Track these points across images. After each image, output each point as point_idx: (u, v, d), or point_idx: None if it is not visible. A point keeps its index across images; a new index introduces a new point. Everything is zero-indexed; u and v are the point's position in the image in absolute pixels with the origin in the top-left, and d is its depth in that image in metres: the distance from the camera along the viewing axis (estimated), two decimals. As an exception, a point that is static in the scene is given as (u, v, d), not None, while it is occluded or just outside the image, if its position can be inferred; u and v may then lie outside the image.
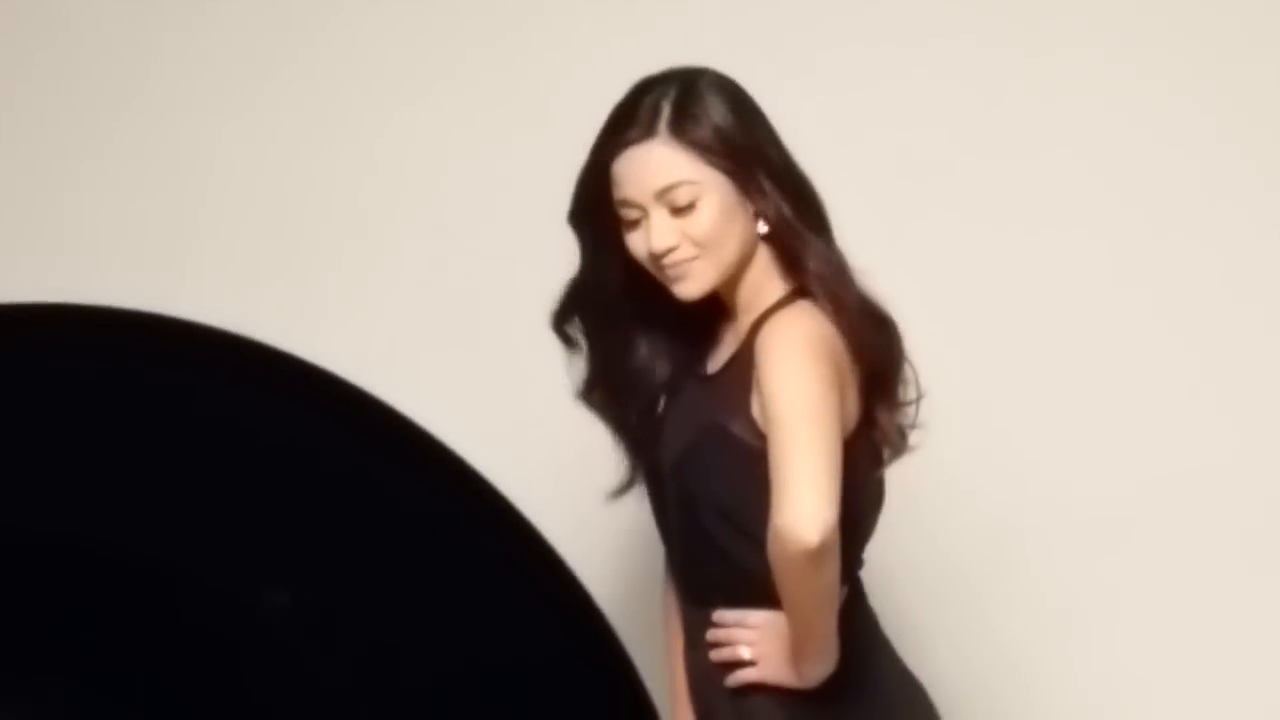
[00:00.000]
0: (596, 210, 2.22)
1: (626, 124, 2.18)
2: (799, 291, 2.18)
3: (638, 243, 2.19)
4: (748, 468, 2.14)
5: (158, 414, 2.57)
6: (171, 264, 3.22)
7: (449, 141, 3.18)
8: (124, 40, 3.31)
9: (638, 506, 2.37)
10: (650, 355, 2.32)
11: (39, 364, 2.61)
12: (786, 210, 2.17)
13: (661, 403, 2.32)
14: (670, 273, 2.18)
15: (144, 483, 2.52)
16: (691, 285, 2.18)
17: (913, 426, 2.25)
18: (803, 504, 2.05)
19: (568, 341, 2.33)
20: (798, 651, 2.16)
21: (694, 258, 2.16)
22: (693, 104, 2.17)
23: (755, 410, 2.15)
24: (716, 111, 2.17)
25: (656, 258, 2.17)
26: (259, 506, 2.57)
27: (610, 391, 2.33)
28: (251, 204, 3.25)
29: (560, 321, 2.32)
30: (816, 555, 2.05)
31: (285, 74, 3.26)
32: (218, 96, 3.26)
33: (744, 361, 2.17)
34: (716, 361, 2.26)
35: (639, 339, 2.31)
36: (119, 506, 2.52)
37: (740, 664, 2.22)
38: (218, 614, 2.53)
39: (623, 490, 2.36)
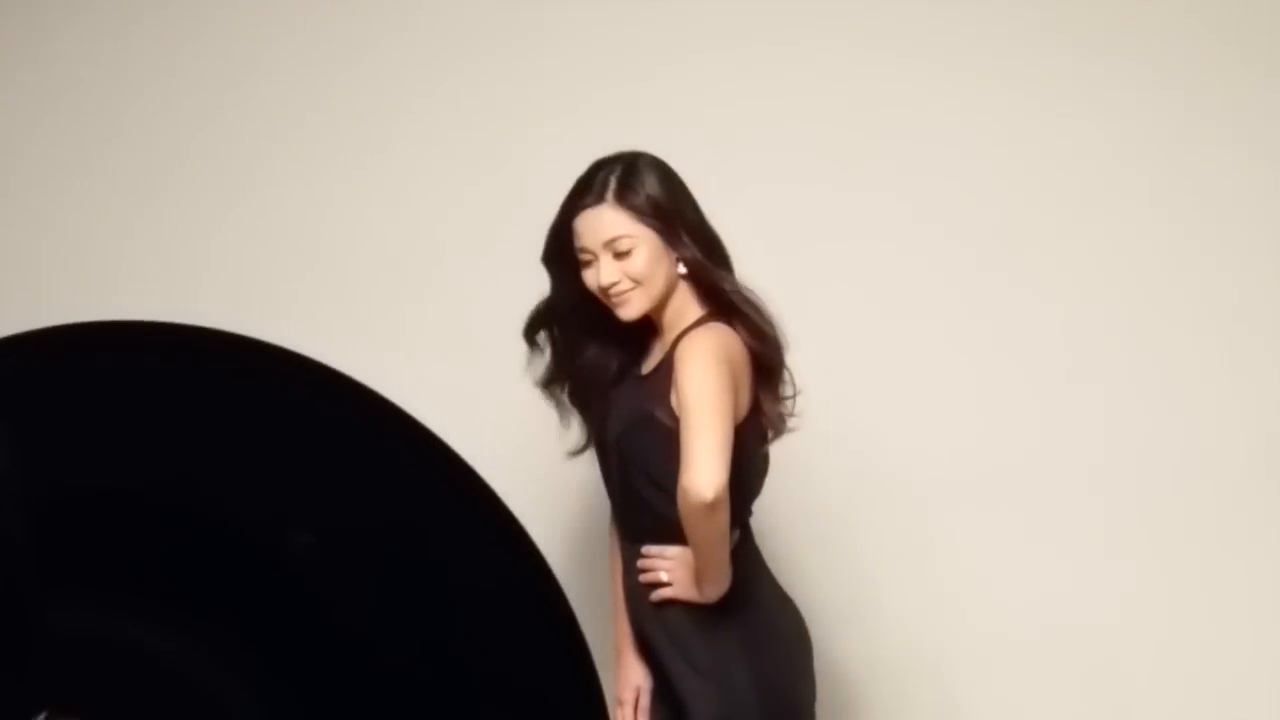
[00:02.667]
0: (562, 253, 2.77)
1: (584, 192, 2.73)
2: (709, 315, 2.72)
3: (591, 278, 2.73)
4: (667, 443, 2.66)
5: (220, 407, 2.93)
6: (233, 289, 3.55)
7: (457, 202, 3.55)
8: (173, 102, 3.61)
9: (591, 472, 2.85)
10: (602, 359, 2.80)
11: (141, 367, 2.96)
12: (700, 257, 2.72)
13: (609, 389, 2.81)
14: (615, 300, 2.72)
15: (210, 456, 2.89)
16: (630, 310, 2.73)
17: (790, 414, 2.78)
18: (702, 470, 2.56)
19: (533, 346, 2.84)
20: (700, 576, 2.68)
21: (632, 289, 2.71)
22: (632, 179, 2.72)
23: (674, 402, 2.66)
24: (650, 184, 2.71)
25: (605, 290, 2.72)
26: (290, 475, 2.92)
27: (572, 383, 2.82)
28: (305, 247, 3.58)
29: (530, 333, 2.84)
30: (711, 507, 2.57)
31: (327, 132, 3.58)
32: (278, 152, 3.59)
33: (667, 366, 2.70)
34: (648, 365, 2.79)
35: (592, 347, 2.80)
36: (192, 473, 2.86)
37: (660, 585, 2.74)
38: (259, 548, 2.90)
39: (580, 451, 2.85)
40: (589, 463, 2.87)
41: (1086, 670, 3.47)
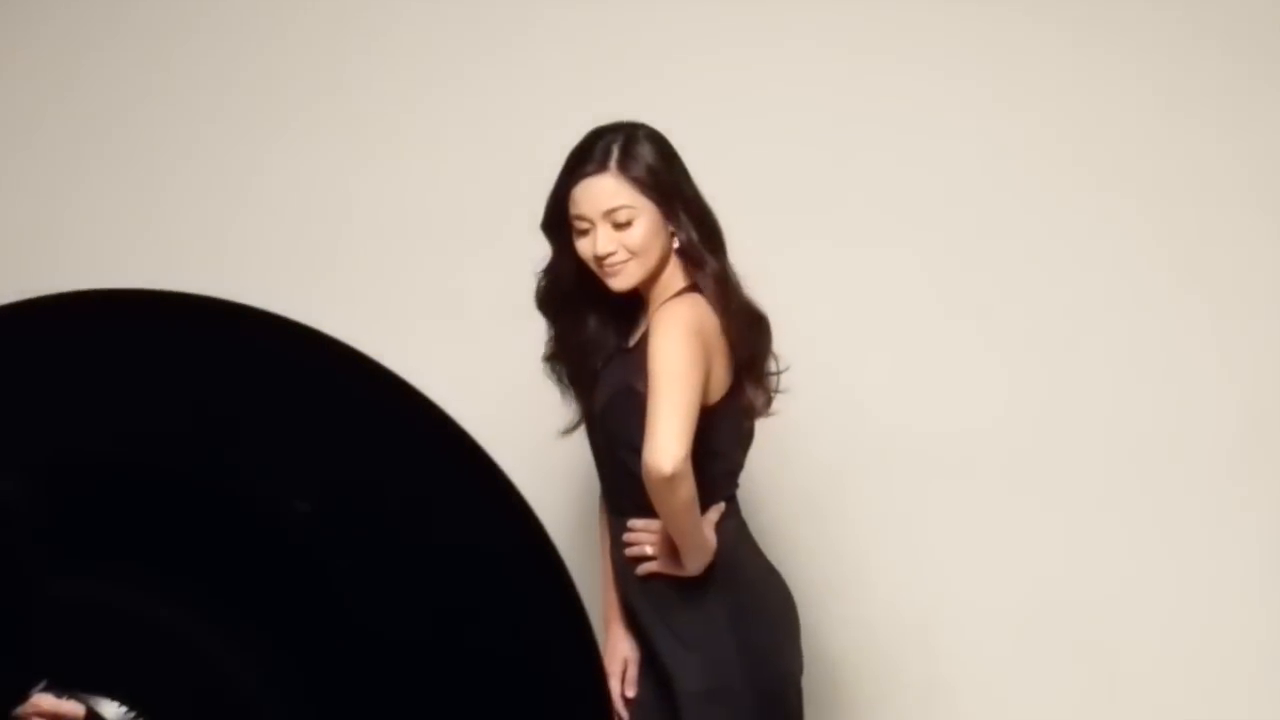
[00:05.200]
0: (561, 220, 2.75)
1: (585, 160, 2.72)
2: (691, 287, 2.72)
3: (585, 247, 2.73)
4: (646, 414, 2.62)
5: (212, 373, 2.99)
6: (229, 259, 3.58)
7: (457, 174, 3.56)
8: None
9: (582, 446, 2.86)
10: (599, 329, 2.81)
11: (121, 335, 2.99)
12: (695, 234, 2.72)
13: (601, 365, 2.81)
14: (608, 271, 2.72)
15: (212, 424, 2.91)
16: (622, 281, 2.73)
17: (777, 391, 2.78)
18: (662, 444, 2.56)
19: (549, 317, 2.81)
20: (679, 548, 2.69)
21: (627, 260, 2.70)
22: (634, 149, 2.71)
23: None
24: (650, 156, 2.71)
25: (599, 260, 2.71)
26: (293, 443, 3.00)
27: (569, 355, 2.82)
28: (290, 217, 3.62)
29: (545, 304, 2.83)
30: (671, 480, 2.56)
31: (319, 112, 3.61)
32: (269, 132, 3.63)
33: (648, 339, 2.69)
34: (634, 338, 2.79)
35: (590, 317, 2.80)
36: (194, 441, 2.91)
37: (646, 558, 2.76)
38: (261, 516, 2.99)
39: (569, 430, 2.86)
40: (579, 437, 2.88)
41: (1074, 643, 3.49)
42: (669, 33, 3.54)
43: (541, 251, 2.83)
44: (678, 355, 2.61)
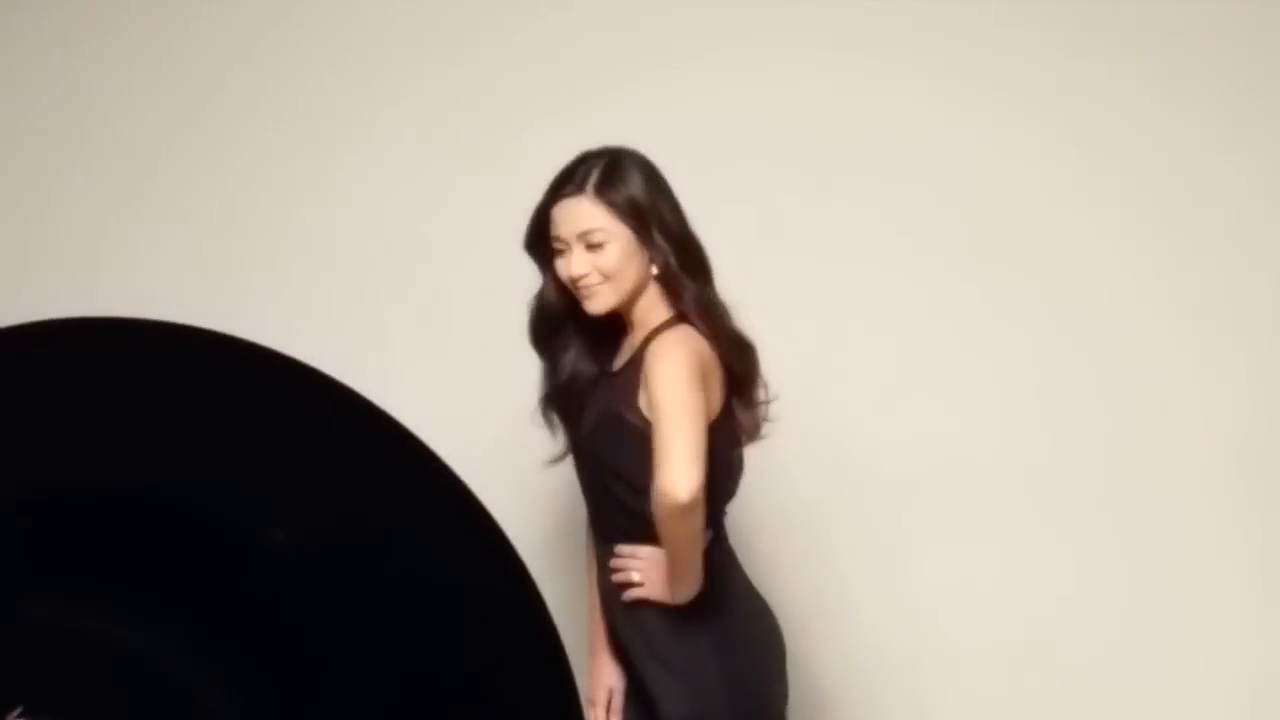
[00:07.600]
0: (541, 241, 2.77)
1: (565, 182, 2.74)
2: (678, 317, 2.73)
3: (562, 268, 2.74)
4: (636, 443, 2.66)
5: (201, 404, 2.94)
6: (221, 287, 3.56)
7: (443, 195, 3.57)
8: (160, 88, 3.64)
9: (569, 472, 2.83)
10: (581, 353, 2.81)
11: (99, 361, 2.95)
12: (672, 260, 2.72)
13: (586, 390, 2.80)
14: (583, 292, 2.73)
15: (187, 452, 2.90)
16: (597, 303, 2.73)
17: (765, 419, 2.79)
18: (676, 472, 2.56)
19: (543, 353, 2.82)
20: (672, 577, 2.68)
21: (600, 283, 2.71)
22: (615, 174, 2.72)
23: (642, 402, 2.67)
24: (632, 183, 2.72)
25: (574, 280, 2.73)
26: (267, 472, 2.94)
27: (557, 385, 2.81)
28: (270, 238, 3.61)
29: (537, 339, 2.82)
30: (686, 508, 2.57)
31: (299, 128, 3.61)
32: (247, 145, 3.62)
33: (636, 366, 2.71)
34: (619, 362, 2.79)
35: (574, 340, 2.81)
36: (168, 469, 2.88)
37: (632, 585, 2.74)
38: (234, 544, 2.92)
39: (558, 459, 2.85)
40: (566, 463, 2.87)
41: (1062, 674, 3.49)
42: (666, 65, 3.55)
43: (525, 278, 2.83)
44: (681, 383, 2.62)
